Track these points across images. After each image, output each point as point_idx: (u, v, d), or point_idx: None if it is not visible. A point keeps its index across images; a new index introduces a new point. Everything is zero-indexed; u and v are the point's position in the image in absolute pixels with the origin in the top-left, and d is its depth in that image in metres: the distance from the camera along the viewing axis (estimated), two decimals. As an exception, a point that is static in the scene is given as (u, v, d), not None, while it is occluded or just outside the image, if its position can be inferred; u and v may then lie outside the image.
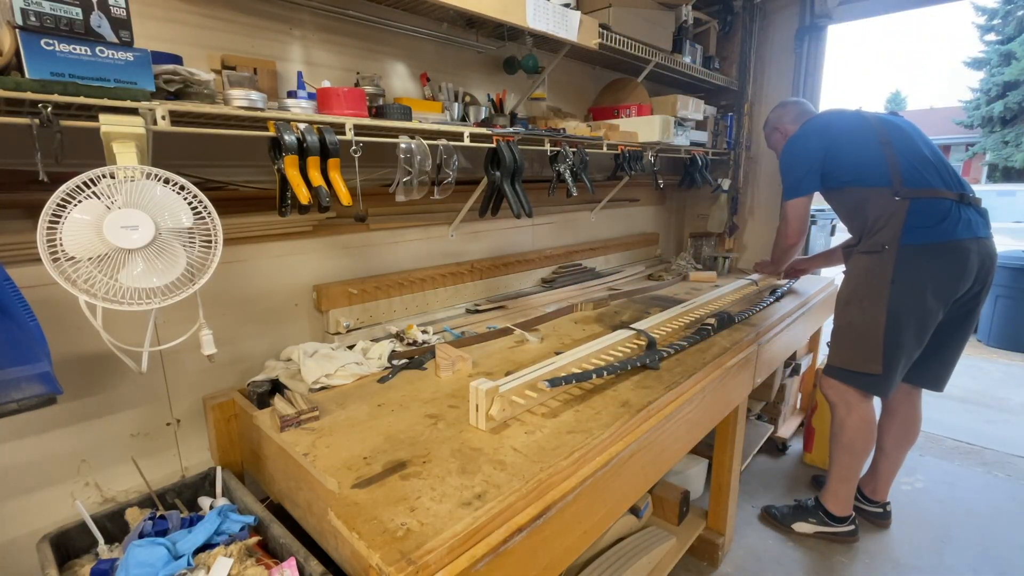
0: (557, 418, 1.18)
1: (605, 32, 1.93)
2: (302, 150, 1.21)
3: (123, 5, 0.93)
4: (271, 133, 1.19)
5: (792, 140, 2.02)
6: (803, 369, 2.80)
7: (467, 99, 1.84)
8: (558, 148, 1.89)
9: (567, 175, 1.91)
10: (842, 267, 2.04)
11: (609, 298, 2.26)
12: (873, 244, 1.82)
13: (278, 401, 1.22)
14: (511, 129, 1.70)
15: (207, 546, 1.03)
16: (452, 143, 1.54)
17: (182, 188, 1.00)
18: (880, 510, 2.17)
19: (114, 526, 1.14)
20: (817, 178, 1.96)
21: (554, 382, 1.21)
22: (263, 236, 1.50)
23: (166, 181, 0.98)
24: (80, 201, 0.90)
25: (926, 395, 2.11)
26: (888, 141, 1.83)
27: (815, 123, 2.01)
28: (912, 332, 1.79)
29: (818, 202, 2.11)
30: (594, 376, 1.30)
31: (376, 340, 1.65)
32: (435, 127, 1.50)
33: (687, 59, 2.51)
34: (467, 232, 2.12)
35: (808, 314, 2.31)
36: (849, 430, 1.97)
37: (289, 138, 1.18)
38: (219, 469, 1.29)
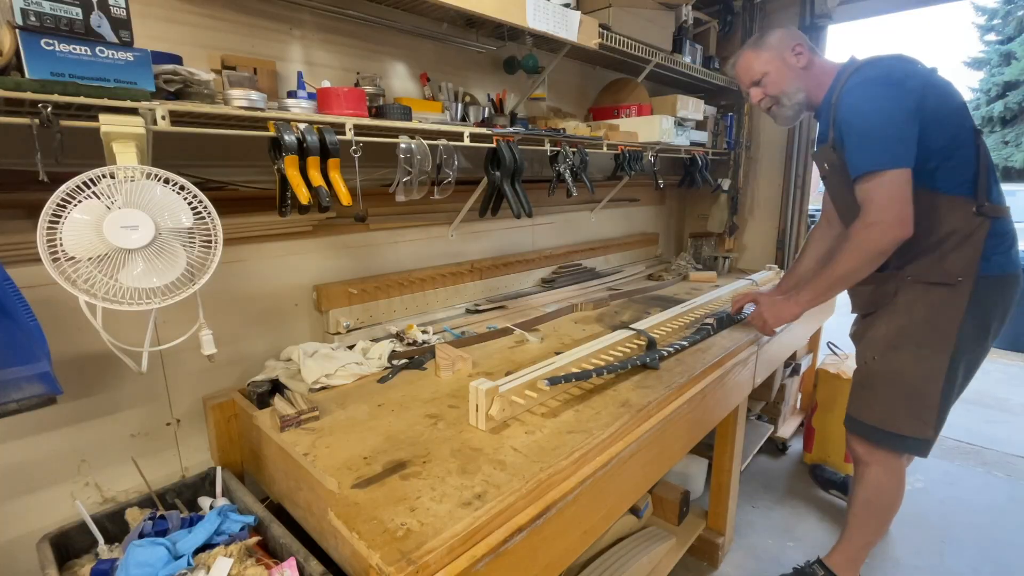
0: (557, 418, 1.18)
1: (605, 32, 1.93)
2: (302, 150, 1.21)
3: (123, 5, 0.93)
4: (271, 133, 1.19)
5: (879, 82, 1.37)
6: (803, 369, 2.79)
7: (467, 99, 1.84)
8: (558, 148, 1.89)
9: (567, 175, 1.91)
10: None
11: (609, 298, 2.26)
12: (944, 273, 1.41)
13: (278, 401, 1.22)
14: (511, 129, 1.70)
15: (207, 546, 1.03)
16: (452, 143, 1.54)
17: (182, 188, 1.00)
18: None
19: (114, 526, 1.14)
20: (914, 150, 1.32)
21: (554, 381, 1.21)
22: (263, 236, 1.50)
23: (166, 181, 0.98)
24: (80, 201, 0.90)
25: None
26: (980, 132, 1.42)
27: (907, 69, 1.39)
28: (963, 378, 1.52)
29: (814, 201, 1.96)
30: (594, 376, 1.30)
31: (376, 340, 1.65)
32: (435, 127, 1.50)
33: (687, 59, 2.50)
34: (467, 232, 2.12)
35: (808, 314, 2.30)
36: (887, 494, 1.64)
37: (289, 138, 1.18)
38: (219, 469, 1.29)
